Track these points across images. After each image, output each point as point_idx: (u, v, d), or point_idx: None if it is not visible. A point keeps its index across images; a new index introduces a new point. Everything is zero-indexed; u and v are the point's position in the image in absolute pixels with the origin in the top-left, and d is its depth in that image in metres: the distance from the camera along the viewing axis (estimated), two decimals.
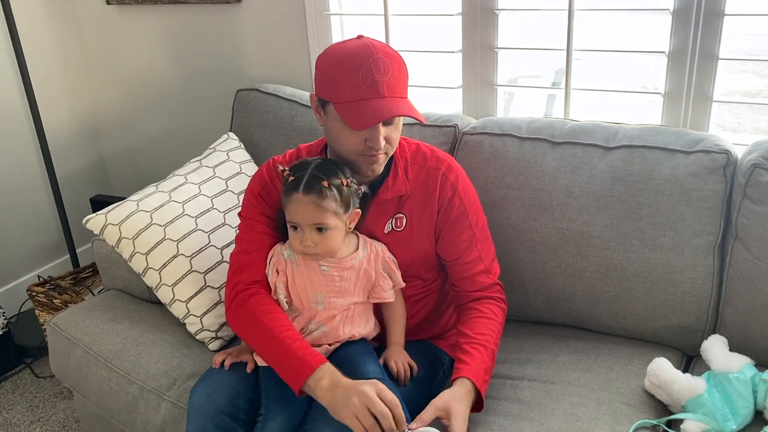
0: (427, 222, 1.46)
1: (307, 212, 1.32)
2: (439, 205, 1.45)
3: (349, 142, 1.34)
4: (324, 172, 1.33)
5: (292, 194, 1.32)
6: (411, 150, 1.48)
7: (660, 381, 1.37)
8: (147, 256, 1.64)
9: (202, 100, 2.50)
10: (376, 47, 1.31)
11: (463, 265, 1.47)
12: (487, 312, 1.45)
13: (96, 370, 1.64)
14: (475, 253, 1.47)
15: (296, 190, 1.31)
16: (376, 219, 1.44)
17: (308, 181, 1.31)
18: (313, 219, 1.32)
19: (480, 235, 1.48)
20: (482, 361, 1.36)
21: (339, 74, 1.30)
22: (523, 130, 1.71)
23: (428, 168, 1.46)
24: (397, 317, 1.48)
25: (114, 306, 1.78)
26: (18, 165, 2.60)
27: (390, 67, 1.30)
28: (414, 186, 1.45)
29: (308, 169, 1.33)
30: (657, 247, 1.53)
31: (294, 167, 1.36)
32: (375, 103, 1.29)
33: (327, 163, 1.37)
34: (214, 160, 1.90)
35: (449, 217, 1.46)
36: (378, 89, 1.29)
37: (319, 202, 1.31)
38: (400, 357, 1.44)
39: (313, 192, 1.30)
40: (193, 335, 1.65)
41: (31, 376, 2.34)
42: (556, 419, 1.36)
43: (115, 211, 1.70)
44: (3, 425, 2.12)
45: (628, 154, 1.58)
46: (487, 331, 1.41)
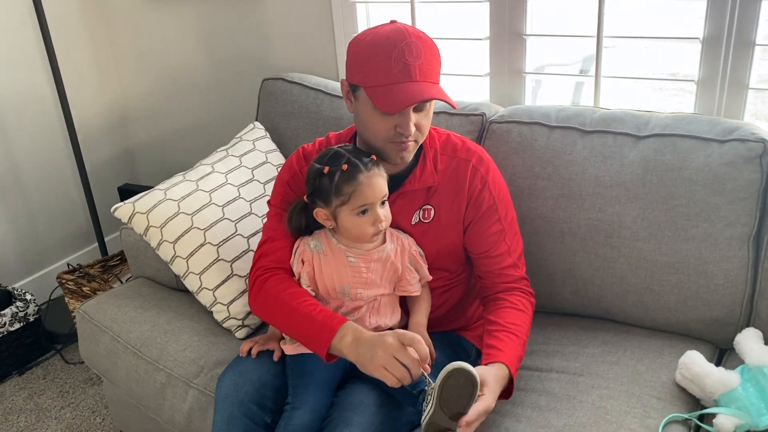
0: (455, 214, 1.44)
1: (378, 187, 1.32)
2: (469, 197, 1.43)
3: (380, 128, 1.32)
4: (359, 150, 1.36)
5: (358, 177, 1.31)
6: (441, 140, 1.46)
7: (692, 374, 1.34)
8: (174, 245, 1.65)
9: (229, 89, 2.51)
10: (409, 31, 1.29)
11: (491, 259, 1.45)
12: (516, 303, 1.43)
13: (124, 357, 1.66)
14: (504, 247, 1.45)
15: (360, 171, 1.31)
16: (403, 210, 1.43)
17: (361, 159, 1.32)
18: (383, 190, 1.33)
19: (509, 229, 1.46)
20: (515, 349, 1.35)
21: (371, 58, 1.28)
22: (552, 118, 1.68)
23: (458, 159, 1.44)
24: (422, 304, 1.46)
25: (142, 294, 1.80)
26: (47, 154, 2.63)
27: (423, 52, 1.28)
28: (443, 177, 1.43)
29: (348, 155, 1.33)
30: (689, 239, 1.49)
31: (329, 160, 1.34)
32: (406, 87, 1.27)
33: (348, 144, 1.39)
34: (240, 149, 1.90)
35: (478, 210, 1.43)
36: (410, 73, 1.27)
37: (380, 172, 1.33)
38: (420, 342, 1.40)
39: (374, 166, 1.32)
40: (220, 323, 1.66)
41: (61, 362, 2.38)
42: (584, 412, 1.34)
43: (143, 199, 1.71)
44: (34, 410, 2.15)
45: (660, 143, 1.55)
46: (518, 321, 1.40)
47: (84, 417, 2.10)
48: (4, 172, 2.50)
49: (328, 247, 1.38)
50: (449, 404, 1.18)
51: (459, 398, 1.18)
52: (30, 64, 2.51)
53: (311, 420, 1.32)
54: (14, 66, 2.47)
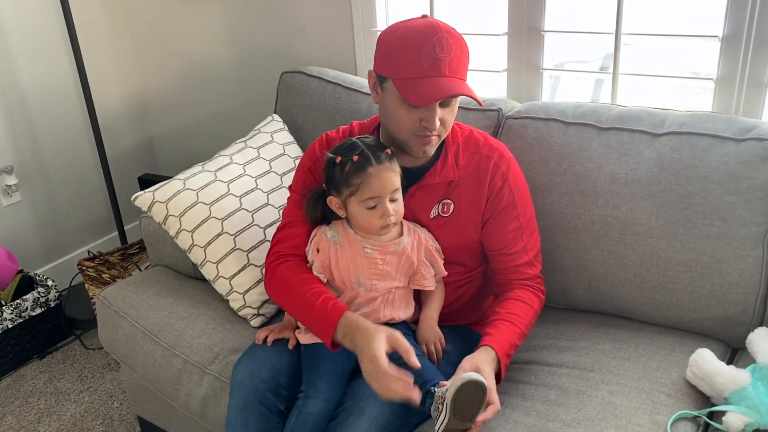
0: (475, 210, 1.45)
1: (388, 180, 1.33)
2: (489, 193, 1.44)
3: (405, 121, 1.33)
4: (375, 143, 1.36)
5: (367, 169, 1.32)
6: (464, 136, 1.47)
7: (703, 372, 1.35)
8: (192, 234, 1.68)
9: (248, 82, 2.53)
10: (440, 26, 1.30)
11: (507, 256, 1.46)
12: (522, 296, 1.44)
13: (142, 343, 1.69)
14: (521, 245, 1.46)
15: (370, 164, 1.31)
16: (422, 203, 1.44)
17: (374, 153, 1.33)
18: (393, 185, 1.34)
19: (527, 227, 1.47)
20: (508, 336, 1.36)
21: (401, 50, 1.29)
22: (568, 114, 1.68)
23: (480, 155, 1.45)
24: (435, 299, 1.47)
25: (160, 281, 1.83)
26: (69, 143, 2.68)
27: (453, 47, 1.29)
28: (464, 172, 1.44)
29: (361, 146, 1.34)
30: (704, 237, 1.49)
31: (343, 151, 1.35)
32: (435, 81, 1.28)
33: (366, 137, 1.40)
34: (258, 141, 1.93)
35: (497, 206, 1.44)
36: (439, 68, 1.28)
37: (392, 167, 1.33)
38: (432, 336, 1.42)
39: (386, 160, 1.33)
40: (236, 311, 1.68)
41: (80, 347, 2.42)
42: (594, 407, 1.35)
43: (162, 189, 1.74)
44: (54, 393, 2.20)
45: (676, 141, 1.55)
46: (519, 312, 1.41)
47: (102, 401, 2.15)
48: (27, 160, 2.55)
49: (345, 238, 1.40)
50: (462, 412, 1.19)
51: (471, 405, 1.20)
52: (54, 55, 2.56)
53: (325, 409, 1.34)
54: (39, 56, 2.51)
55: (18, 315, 2.28)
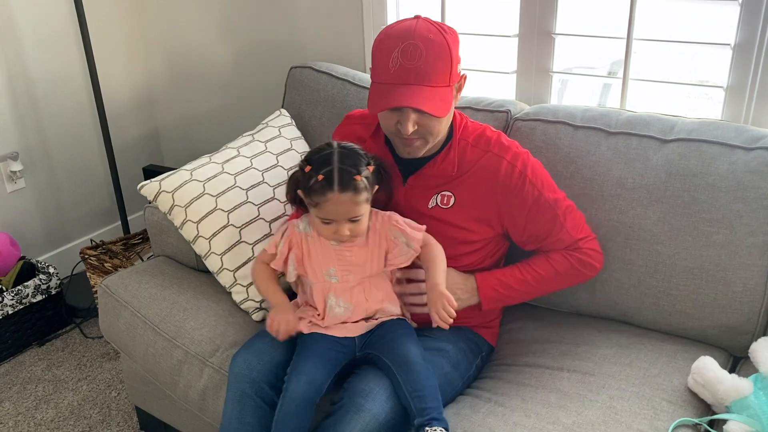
0: (481, 207, 1.45)
1: (345, 210, 1.31)
2: (504, 195, 1.43)
3: (384, 122, 1.37)
4: (352, 164, 1.31)
5: (326, 194, 1.29)
6: (476, 133, 1.47)
7: (705, 380, 1.34)
8: (198, 225, 1.68)
9: (256, 76, 2.53)
10: (417, 31, 1.29)
11: (552, 242, 1.48)
12: (550, 254, 1.48)
13: (143, 333, 1.69)
14: (563, 232, 1.47)
15: (331, 189, 1.28)
16: (420, 193, 1.46)
17: (341, 178, 1.28)
18: (351, 214, 1.32)
19: (561, 211, 1.47)
20: (502, 274, 1.45)
21: (377, 54, 1.32)
22: (577, 118, 1.68)
23: (491, 154, 1.45)
24: (434, 259, 1.41)
25: (163, 272, 1.83)
26: (75, 132, 2.68)
27: (424, 54, 1.28)
28: (469, 168, 1.44)
29: (333, 163, 1.29)
30: (710, 244, 1.49)
31: (316, 161, 1.32)
32: (395, 89, 1.28)
33: (349, 150, 1.34)
34: (266, 135, 1.93)
35: (525, 204, 1.44)
36: (404, 75, 1.28)
37: (356, 199, 1.30)
38: (437, 299, 1.34)
39: (350, 189, 1.29)
40: (238, 304, 1.68)
41: (80, 335, 2.42)
42: (594, 411, 1.35)
43: (169, 179, 1.74)
44: (52, 380, 2.20)
45: (685, 148, 1.55)
46: (534, 265, 1.47)
47: (100, 390, 2.15)
48: (33, 147, 2.55)
49: (314, 230, 1.42)
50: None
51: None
52: (63, 43, 2.55)
53: (306, 390, 1.33)
54: (48, 44, 2.51)
55: (18, 301, 2.28)
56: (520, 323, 1.65)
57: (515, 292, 1.49)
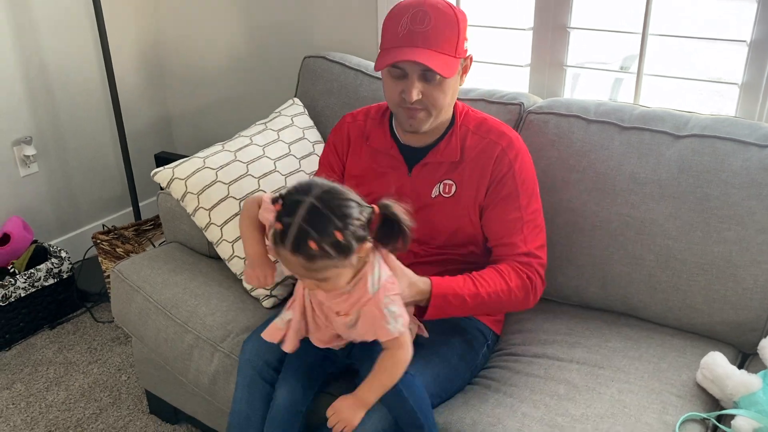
0: (475, 193, 1.44)
1: (299, 272, 1.14)
2: (491, 180, 1.42)
3: (389, 92, 1.38)
4: (315, 225, 1.08)
5: (279, 248, 1.11)
6: (476, 120, 1.47)
7: (714, 375, 1.35)
8: (210, 212, 1.69)
9: (269, 65, 2.54)
10: (427, 1, 1.31)
11: (504, 246, 1.42)
12: (501, 269, 1.38)
13: (155, 318, 1.71)
14: (519, 236, 1.41)
15: (283, 246, 1.10)
16: (424, 182, 1.46)
17: (295, 238, 1.08)
18: (308, 277, 1.14)
19: (528, 219, 1.42)
20: (458, 287, 1.32)
21: (387, 21, 1.34)
22: (590, 112, 1.68)
23: (488, 141, 1.44)
24: (378, 370, 1.23)
25: (175, 258, 1.84)
26: (88, 118, 2.69)
27: (433, 19, 1.29)
28: (469, 155, 1.44)
29: (296, 216, 1.08)
30: (721, 241, 1.49)
31: (286, 203, 1.12)
32: (403, 50, 1.29)
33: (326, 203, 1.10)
34: (278, 124, 1.93)
35: (498, 194, 1.42)
36: (413, 38, 1.28)
37: (309, 266, 1.10)
38: (344, 413, 1.23)
39: (301, 253, 1.09)
40: (249, 291, 1.69)
41: (90, 320, 2.44)
42: (603, 404, 1.35)
43: (182, 166, 1.75)
44: (63, 363, 2.22)
45: (698, 144, 1.54)
46: (488, 279, 1.36)
47: (110, 374, 2.17)
48: (46, 132, 2.57)
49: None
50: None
51: None
52: (78, 28, 2.56)
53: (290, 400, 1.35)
54: (62, 29, 2.52)
55: (31, 284, 2.30)
56: (529, 314, 1.66)
57: (465, 306, 1.34)
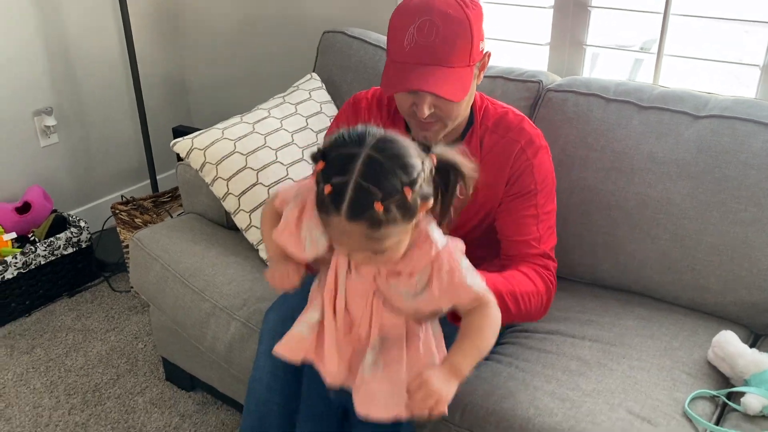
0: (493, 194, 1.37)
1: (354, 242, 0.96)
2: (509, 177, 1.34)
3: (399, 102, 1.28)
4: (379, 181, 0.91)
5: (331, 216, 0.93)
6: (496, 117, 1.37)
7: (725, 353, 1.36)
8: (228, 182, 1.71)
9: (288, 40, 2.54)
10: (435, 6, 1.19)
11: (518, 243, 1.35)
12: (525, 271, 1.30)
13: (173, 286, 1.73)
14: (534, 234, 1.34)
15: (336, 212, 0.91)
16: None
17: (355, 201, 0.90)
18: (366, 248, 0.97)
19: (544, 219, 1.35)
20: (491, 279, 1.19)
21: (393, 29, 1.23)
22: (610, 91, 1.68)
23: (508, 139, 1.35)
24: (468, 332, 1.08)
25: (193, 228, 1.87)
26: (108, 89, 2.71)
27: (441, 31, 1.18)
28: (488, 155, 1.35)
29: (352, 174, 0.91)
30: (737, 222, 1.49)
31: (333, 160, 0.94)
32: (409, 69, 1.19)
33: (387, 156, 0.93)
34: (296, 97, 1.94)
35: (516, 190, 1.35)
36: (419, 53, 1.18)
37: (372, 234, 0.93)
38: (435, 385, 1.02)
39: (363, 219, 0.91)
40: (265, 261, 1.72)
41: (108, 289, 2.48)
42: (614, 379, 1.37)
43: (201, 136, 1.77)
44: (81, 330, 2.27)
45: (717, 125, 1.54)
46: (519, 279, 1.26)
47: (127, 341, 2.21)
48: (67, 103, 2.59)
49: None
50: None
51: None
52: (98, 2, 2.58)
53: None
54: (84, 2, 2.53)
55: (51, 253, 2.34)
56: None
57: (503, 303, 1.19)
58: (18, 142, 2.49)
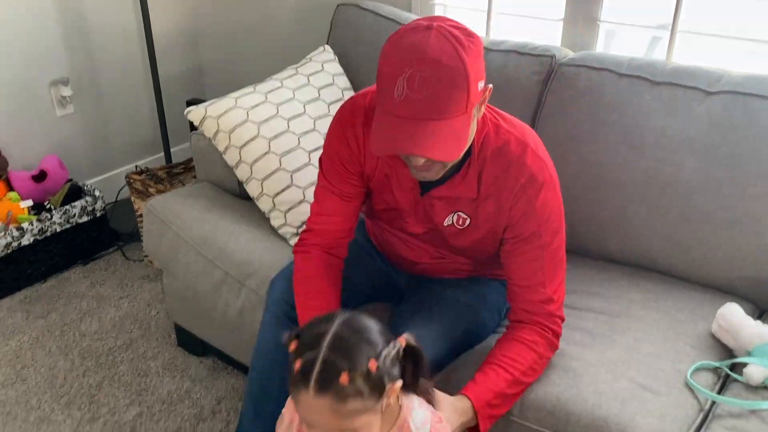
0: (493, 227, 1.31)
1: (323, 420, 0.95)
2: (509, 219, 1.28)
3: None
4: (346, 353, 0.93)
5: (300, 390, 0.93)
6: (496, 146, 1.25)
7: (729, 324, 1.37)
8: (240, 150, 1.73)
9: (301, 13, 2.54)
10: (427, 54, 1.05)
11: (522, 288, 1.31)
12: (526, 338, 1.29)
13: (185, 253, 1.76)
14: (539, 279, 1.29)
15: (305, 387, 0.92)
16: (438, 210, 1.33)
17: (321, 372, 0.92)
18: (334, 427, 0.96)
19: (550, 259, 1.29)
20: (493, 383, 1.23)
21: (382, 74, 1.09)
22: (622, 66, 1.67)
23: (507, 175, 1.25)
24: None
25: (206, 196, 1.89)
26: (123, 61, 2.74)
27: (433, 83, 1.05)
28: (486, 189, 1.27)
29: (320, 347, 0.93)
30: (746, 197, 1.49)
31: (305, 338, 0.96)
32: (402, 126, 1.08)
33: (350, 329, 0.96)
34: (309, 69, 1.95)
35: (518, 234, 1.28)
36: (410, 108, 1.07)
37: (339, 408, 0.92)
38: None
39: (329, 392, 0.92)
40: (276, 230, 1.74)
41: (122, 258, 2.52)
42: (618, 350, 1.38)
43: (214, 105, 1.79)
44: (95, 297, 2.31)
45: (729, 100, 1.54)
46: (518, 358, 1.27)
47: (140, 308, 2.25)
48: (83, 74, 2.62)
49: None
50: None
51: None
52: None
53: None
54: None
55: (66, 221, 2.38)
56: None
57: (509, 398, 1.27)
58: (35, 111, 2.52)
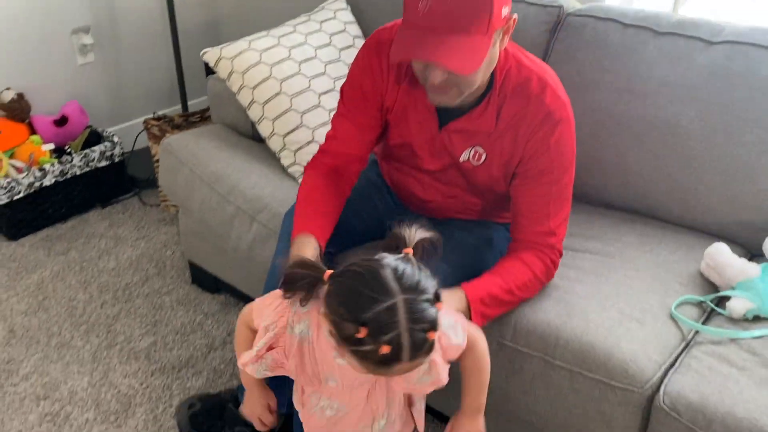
0: (507, 162, 1.34)
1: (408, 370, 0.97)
2: (524, 153, 1.30)
3: (415, 68, 1.21)
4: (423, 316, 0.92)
5: (392, 366, 0.93)
6: (517, 83, 1.27)
7: (716, 263, 1.42)
8: (253, 91, 1.79)
9: None
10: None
11: (526, 218, 1.36)
12: (524, 258, 1.34)
13: (200, 189, 1.84)
14: (544, 212, 1.34)
15: (398, 361, 0.92)
16: (455, 143, 1.35)
17: (413, 345, 0.92)
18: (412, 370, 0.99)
19: (558, 195, 1.34)
20: (489, 286, 1.28)
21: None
22: (628, 17, 1.71)
23: (527, 111, 1.28)
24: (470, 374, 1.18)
25: (221, 137, 1.97)
26: (143, 12, 2.79)
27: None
28: (504, 124, 1.29)
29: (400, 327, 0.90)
30: (741, 144, 1.53)
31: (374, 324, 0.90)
32: (423, 37, 1.10)
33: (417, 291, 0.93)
34: (322, 16, 2.00)
35: (531, 168, 1.32)
36: (432, 19, 1.09)
37: (425, 358, 0.96)
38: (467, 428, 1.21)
39: (422, 353, 0.94)
40: (286, 168, 1.81)
41: (139, 203, 2.61)
42: (609, 285, 1.44)
43: (229, 47, 1.85)
44: (113, 237, 2.40)
45: (731, 50, 1.57)
46: (513, 271, 1.32)
47: (156, 248, 2.34)
48: (103, 23, 2.68)
49: (316, 336, 1.05)
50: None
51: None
52: None
53: None
54: None
55: (86, 164, 2.46)
56: None
57: (500, 303, 1.32)
58: (57, 58, 2.59)
